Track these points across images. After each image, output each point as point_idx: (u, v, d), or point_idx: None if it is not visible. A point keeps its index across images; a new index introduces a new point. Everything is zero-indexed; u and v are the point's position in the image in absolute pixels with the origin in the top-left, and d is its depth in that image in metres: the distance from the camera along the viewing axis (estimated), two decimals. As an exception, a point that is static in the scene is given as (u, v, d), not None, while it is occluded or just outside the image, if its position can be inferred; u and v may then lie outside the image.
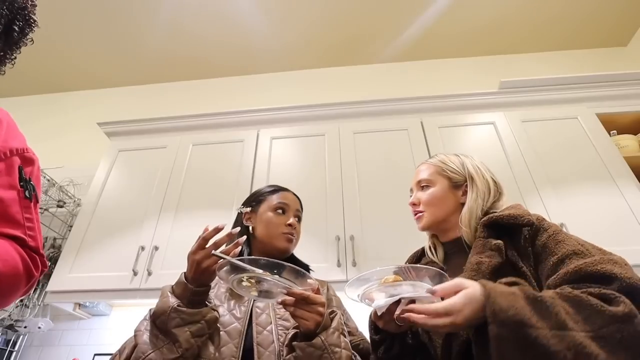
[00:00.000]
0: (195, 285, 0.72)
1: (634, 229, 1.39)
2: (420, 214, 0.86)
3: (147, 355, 0.67)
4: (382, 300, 0.62)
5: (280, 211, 0.96)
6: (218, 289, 0.88)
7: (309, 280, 0.67)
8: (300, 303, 0.67)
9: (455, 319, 0.54)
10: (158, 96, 2.73)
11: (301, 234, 1.01)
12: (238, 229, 0.80)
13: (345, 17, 2.36)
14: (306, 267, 1.00)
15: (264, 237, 0.93)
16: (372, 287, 0.63)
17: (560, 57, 2.55)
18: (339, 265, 1.40)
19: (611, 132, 1.74)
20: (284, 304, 0.67)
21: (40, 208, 1.86)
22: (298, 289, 0.66)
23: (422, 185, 0.89)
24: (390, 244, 1.44)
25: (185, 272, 0.75)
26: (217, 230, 0.73)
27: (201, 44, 2.52)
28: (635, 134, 1.78)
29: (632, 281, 0.55)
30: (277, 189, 1.02)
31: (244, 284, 0.66)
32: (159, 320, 0.70)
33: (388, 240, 1.45)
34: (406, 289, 0.60)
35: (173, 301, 0.71)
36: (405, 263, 0.94)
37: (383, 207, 1.54)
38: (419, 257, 0.92)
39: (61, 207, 1.95)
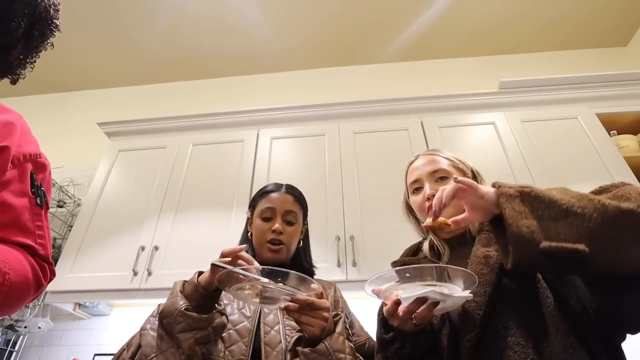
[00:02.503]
0: (206, 289, 0.70)
1: (634, 229, 1.39)
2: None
3: (149, 359, 0.66)
4: (410, 292, 0.59)
5: (266, 218, 0.93)
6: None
7: (312, 285, 0.66)
8: (305, 309, 0.66)
9: (472, 185, 0.60)
10: (158, 96, 2.73)
11: None
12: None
13: (345, 18, 2.36)
14: (310, 267, 0.98)
15: (255, 245, 0.93)
16: (400, 283, 0.61)
17: (560, 57, 2.55)
18: (339, 265, 1.40)
19: (611, 132, 1.74)
20: (287, 309, 0.65)
21: (41, 208, 1.86)
22: (302, 295, 0.65)
23: (440, 177, 0.83)
24: (390, 244, 1.43)
25: (199, 272, 0.73)
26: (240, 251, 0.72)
27: (201, 45, 2.52)
28: (635, 134, 1.78)
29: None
30: (264, 192, 0.98)
31: (246, 292, 0.65)
32: (165, 321, 0.68)
33: (388, 240, 1.44)
34: (439, 288, 0.58)
35: (181, 303, 0.68)
36: (402, 255, 0.92)
37: (383, 207, 1.54)
38: (415, 250, 0.90)
39: (61, 207, 1.95)
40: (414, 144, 1.72)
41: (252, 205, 0.99)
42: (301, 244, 0.98)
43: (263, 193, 0.98)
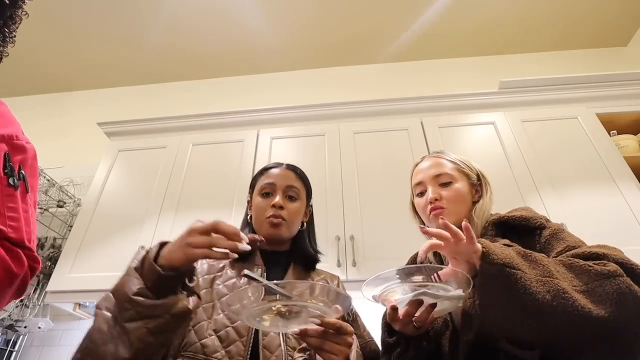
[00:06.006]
0: (165, 269, 0.55)
1: (634, 229, 1.39)
2: (441, 210, 0.80)
3: (98, 349, 0.54)
4: (405, 295, 0.59)
5: (266, 194, 0.86)
6: (225, 273, 0.78)
7: (336, 306, 0.54)
8: (330, 334, 0.55)
9: (455, 243, 0.58)
10: (158, 96, 2.73)
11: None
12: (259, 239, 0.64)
13: (345, 17, 2.36)
14: (315, 253, 0.91)
15: (255, 225, 0.86)
16: (393, 286, 0.59)
17: (560, 57, 2.55)
18: (339, 265, 1.40)
19: (611, 132, 1.74)
20: (305, 334, 0.55)
21: (40, 208, 1.86)
22: (332, 318, 0.55)
23: (443, 182, 0.83)
24: (390, 244, 1.44)
25: (162, 243, 0.60)
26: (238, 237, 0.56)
27: (201, 44, 2.52)
28: (635, 134, 1.78)
29: (619, 258, 0.57)
30: (263, 169, 0.92)
31: (265, 314, 0.55)
32: (115, 305, 0.57)
33: (388, 240, 1.45)
34: (432, 289, 0.57)
35: (132, 287, 0.55)
36: (407, 264, 0.92)
37: (383, 207, 1.54)
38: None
39: (61, 207, 1.95)
40: (414, 144, 1.72)
41: (252, 185, 0.93)
42: (304, 226, 0.91)
43: (263, 170, 0.93)
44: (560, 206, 1.47)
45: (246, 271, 0.60)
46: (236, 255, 0.54)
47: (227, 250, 0.54)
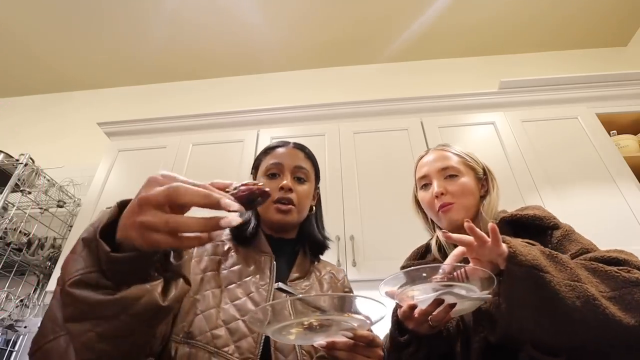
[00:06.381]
0: (126, 247, 0.37)
1: (634, 229, 1.39)
2: (449, 206, 0.77)
3: (44, 344, 0.38)
4: (426, 294, 0.56)
5: (272, 174, 0.78)
6: (230, 257, 0.71)
7: (359, 316, 0.48)
8: (360, 347, 0.52)
9: (479, 246, 0.56)
10: (158, 96, 2.73)
11: None
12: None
13: (345, 17, 2.36)
14: (324, 239, 0.85)
15: (259, 209, 0.78)
16: (415, 284, 0.56)
17: (560, 57, 2.55)
18: (338, 265, 1.40)
19: (611, 132, 1.74)
20: (333, 347, 0.51)
21: (40, 208, 1.86)
22: (364, 330, 0.52)
23: (449, 175, 0.81)
24: (390, 243, 1.44)
25: (120, 205, 0.41)
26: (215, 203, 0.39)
27: (201, 44, 2.52)
28: (635, 134, 1.78)
29: (639, 264, 0.57)
30: (268, 148, 0.84)
31: (292, 327, 0.49)
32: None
33: (388, 240, 1.45)
34: (456, 289, 0.55)
35: (73, 271, 0.37)
36: (408, 259, 0.90)
37: (383, 207, 1.54)
38: (423, 253, 0.88)
39: (61, 207, 1.95)
40: (414, 144, 1.72)
41: (256, 165, 0.85)
42: (313, 210, 0.85)
43: (268, 149, 0.84)
44: (560, 206, 1.47)
45: (280, 284, 0.56)
46: (221, 233, 0.39)
47: (198, 235, 0.37)
